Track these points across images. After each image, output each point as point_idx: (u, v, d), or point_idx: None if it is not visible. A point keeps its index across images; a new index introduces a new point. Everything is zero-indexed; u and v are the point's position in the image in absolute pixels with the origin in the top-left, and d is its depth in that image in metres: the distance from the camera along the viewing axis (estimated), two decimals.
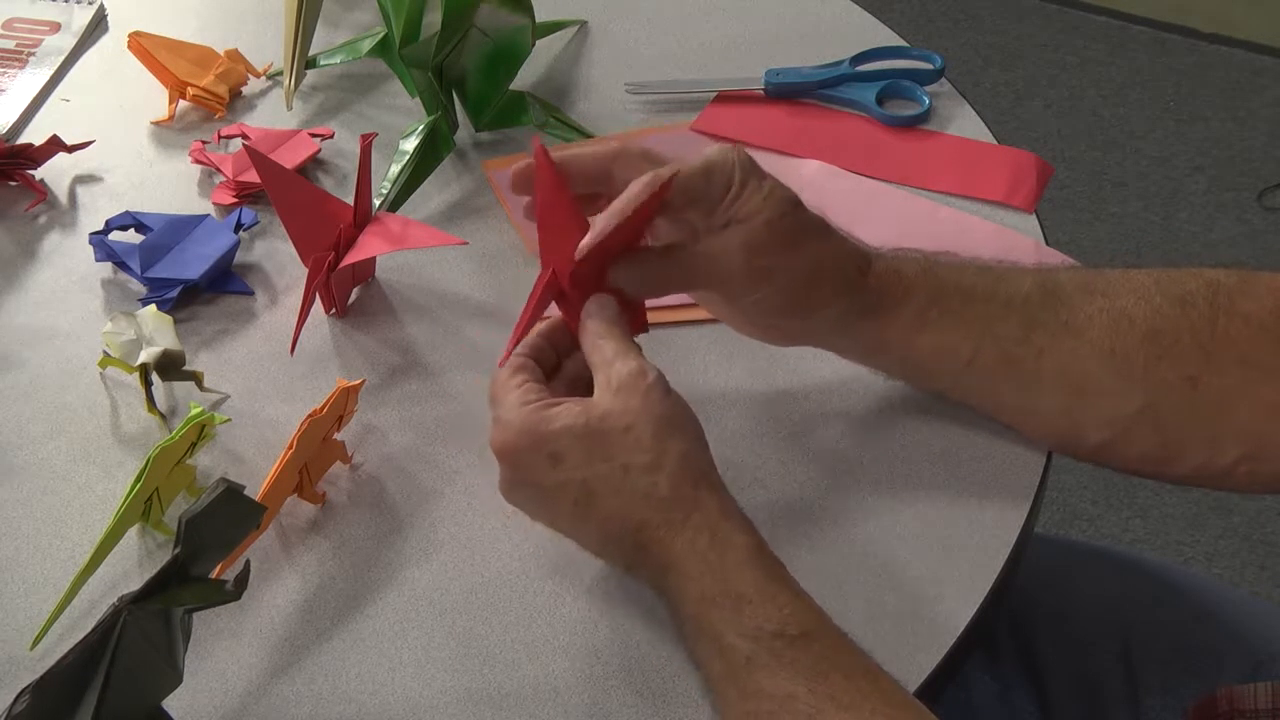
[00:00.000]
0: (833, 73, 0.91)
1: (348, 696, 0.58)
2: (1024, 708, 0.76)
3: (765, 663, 0.53)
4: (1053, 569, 0.81)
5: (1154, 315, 0.63)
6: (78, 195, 0.85)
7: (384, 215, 0.75)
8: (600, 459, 0.56)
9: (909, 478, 0.67)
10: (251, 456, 0.68)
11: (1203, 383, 0.62)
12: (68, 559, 0.63)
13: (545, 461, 0.57)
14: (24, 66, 0.95)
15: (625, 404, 0.56)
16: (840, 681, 0.53)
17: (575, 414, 0.56)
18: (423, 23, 0.83)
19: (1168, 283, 0.64)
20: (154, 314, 0.71)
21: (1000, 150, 0.87)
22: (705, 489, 0.57)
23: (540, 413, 0.57)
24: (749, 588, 0.54)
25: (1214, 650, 0.76)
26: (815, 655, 0.53)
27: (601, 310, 0.60)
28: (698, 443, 0.58)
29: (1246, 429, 0.62)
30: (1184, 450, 0.63)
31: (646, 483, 0.56)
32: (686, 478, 0.56)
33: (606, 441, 0.56)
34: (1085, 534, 1.61)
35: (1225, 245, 2.00)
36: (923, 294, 0.64)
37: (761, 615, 0.53)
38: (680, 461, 0.56)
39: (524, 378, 0.59)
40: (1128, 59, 2.36)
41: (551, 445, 0.56)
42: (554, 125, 0.88)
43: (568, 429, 0.56)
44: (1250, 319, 0.62)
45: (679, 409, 0.58)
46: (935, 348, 0.65)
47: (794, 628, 0.53)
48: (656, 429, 0.56)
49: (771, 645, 0.53)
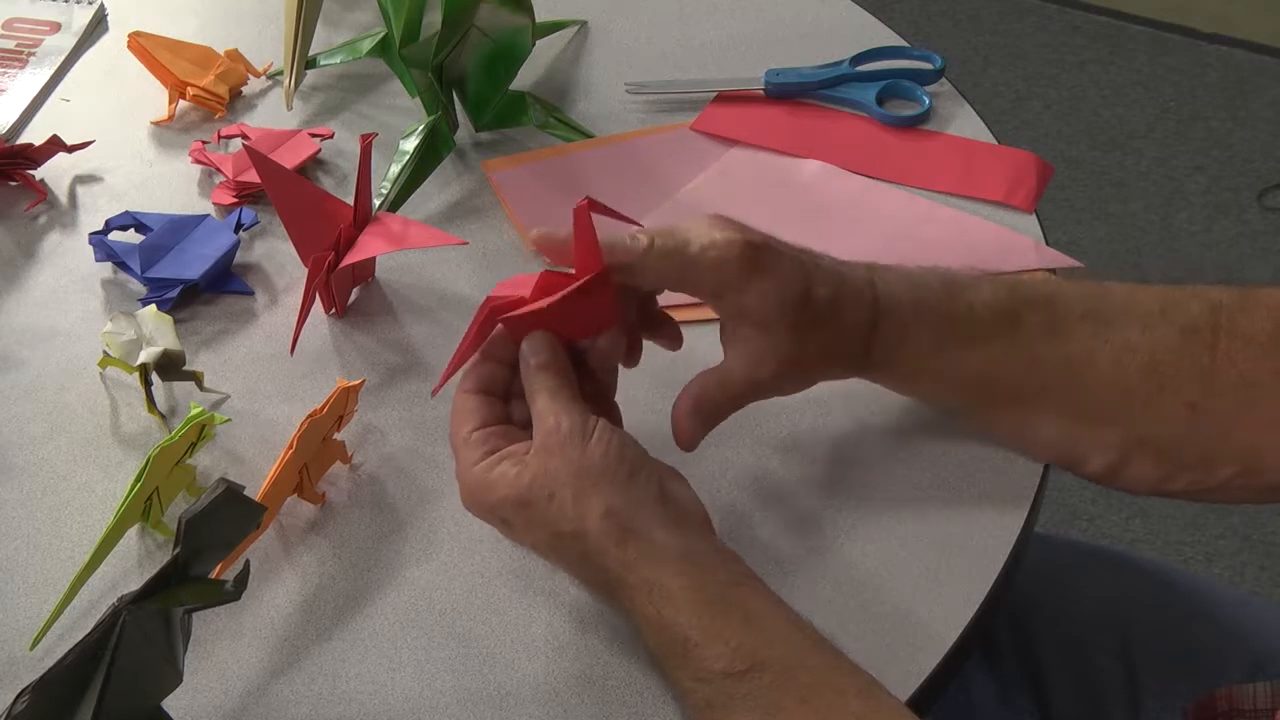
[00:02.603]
0: (833, 73, 0.91)
1: (348, 696, 0.58)
2: (1024, 708, 0.76)
3: (722, 703, 0.53)
4: (1053, 569, 0.81)
5: (1156, 346, 0.63)
6: (78, 195, 0.85)
7: (384, 215, 0.75)
8: (538, 527, 0.57)
9: (909, 479, 0.67)
10: (251, 456, 0.68)
11: (1201, 408, 0.62)
12: (68, 559, 0.63)
13: (499, 523, 0.59)
14: (24, 66, 0.95)
15: (546, 465, 0.56)
16: (795, 709, 0.52)
17: (511, 480, 0.57)
18: (423, 23, 0.83)
19: (1172, 310, 0.64)
20: (154, 314, 0.71)
21: (1000, 150, 0.87)
22: (632, 543, 0.55)
23: (484, 476, 0.58)
24: (692, 630, 0.54)
25: (1214, 650, 0.76)
26: (765, 686, 0.52)
27: (535, 354, 0.60)
28: (628, 482, 0.56)
29: (1243, 446, 0.62)
30: (1180, 471, 0.64)
31: (578, 550, 0.56)
32: (610, 538, 0.55)
33: (536, 511, 0.56)
34: (1085, 534, 1.61)
35: (1225, 245, 2.00)
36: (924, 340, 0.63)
37: (710, 656, 0.53)
38: (602, 522, 0.55)
39: (471, 427, 0.59)
40: (1128, 59, 2.36)
41: (498, 512, 0.58)
42: (554, 125, 0.88)
43: (505, 500, 0.57)
44: (1250, 340, 0.62)
45: (595, 458, 0.56)
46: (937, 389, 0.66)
47: (741, 663, 0.53)
48: (576, 490, 0.56)
49: (722, 686, 0.53)
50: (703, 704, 0.54)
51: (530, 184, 0.84)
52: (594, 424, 0.57)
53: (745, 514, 0.65)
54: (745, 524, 0.64)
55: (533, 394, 0.59)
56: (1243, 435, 0.62)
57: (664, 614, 0.54)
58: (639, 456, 0.57)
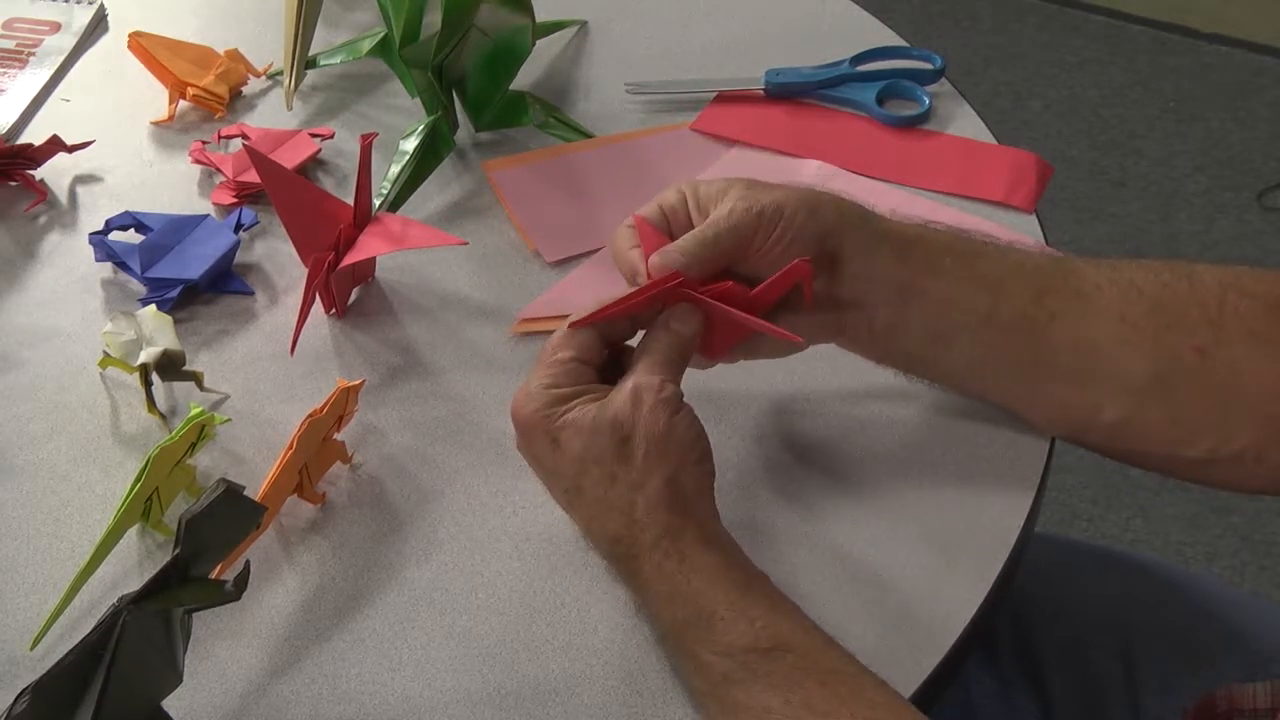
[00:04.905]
0: (833, 73, 0.91)
1: (348, 696, 0.58)
2: (1024, 708, 0.77)
3: (740, 678, 0.53)
4: (1053, 569, 0.81)
5: (1162, 289, 0.64)
6: (78, 195, 0.85)
7: (384, 215, 0.75)
8: (594, 460, 0.57)
9: (909, 478, 0.67)
10: (251, 456, 0.68)
11: (1210, 354, 0.62)
12: (68, 559, 0.63)
13: (548, 443, 0.58)
14: (24, 66, 0.95)
15: (631, 412, 0.57)
16: (815, 689, 0.53)
17: (587, 410, 0.57)
18: (423, 23, 0.83)
19: (1175, 264, 0.65)
20: (154, 314, 0.71)
21: (1000, 150, 0.87)
22: (682, 515, 0.57)
23: (559, 403, 0.58)
24: (720, 605, 0.55)
25: (1214, 650, 0.76)
26: (789, 666, 0.53)
27: (682, 321, 0.61)
28: (694, 466, 0.58)
29: (1256, 408, 0.62)
30: (1195, 430, 0.63)
31: (627, 499, 0.57)
32: (664, 503, 0.56)
33: (603, 445, 0.57)
34: (1085, 534, 1.61)
35: (1225, 245, 2.00)
36: (933, 242, 0.64)
37: (734, 632, 0.54)
38: (663, 487, 0.56)
39: (570, 354, 0.59)
40: (1128, 59, 2.36)
41: (556, 433, 0.58)
42: (554, 125, 0.88)
43: (573, 422, 0.57)
44: (1259, 298, 0.63)
45: (680, 430, 0.58)
46: (951, 298, 0.63)
47: (766, 641, 0.54)
48: (649, 448, 0.57)
49: (745, 660, 0.53)
50: (720, 678, 0.54)
51: (530, 184, 0.84)
52: (686, 404, 0.59)
53: (745, 514, 0.65)
54: (745, 524, 0.64)
55: (650, 350, 0.60)
56: (1255, 393, 0.62)
57: (693, 584, 0.55)
58: (709, 449, 0.59)
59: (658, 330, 0.61)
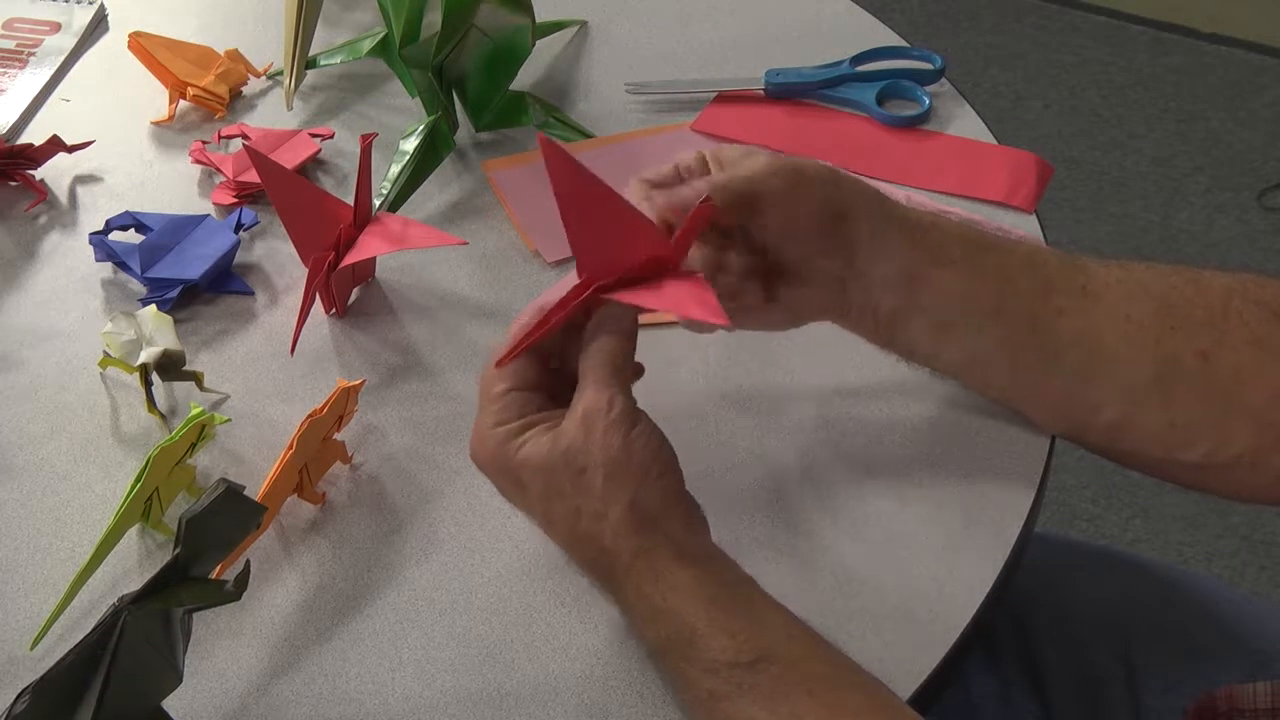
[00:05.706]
0: (833, 73, 0.91)
1: (348, 696, 0.58)
2: (1024, 707, 0.76)
3: (726, 693, 0.53)
4: (1053, 569, 0.81)
5: (1169, 290, 0.64)
6: (78, 195, 0.85)
7: (384, 215, 0.75)
8: (555, 496, 0.56)
9: (908, 477, 0.67)
10: (251, 456, 0.68)
11: (1213, 358, 0.62)
12: (68, 559, 0.63)
13: (512, 483, 0.58)
14: (24, 66, 0.95)
15: (584, 441, 0.56)
16: (802, 699, 0.52)
17: (540, 446, 0.56)
18: (423, 23, 0.83)
19: (1182, 268, 0.65)
20: (154, 314, 0.71)
21: (1000, 150, 0.87)
22: (650, 534, 0.56)
23: (510, 440, 0.57)
24: (699, 621, 0.54)
25: (1214, 650, 0.76)
26: (773, 677, 0.53)
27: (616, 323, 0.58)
28: (656, 482, 0.56)
29: (1256, 413, 0.62)
30: (1193, 434, 0.63)
31: (594, 530, 0.56)
32: (630, 527, 0.55)
33: (561, 480, 0.56)
34: (1085, 534, 1.61)
35: (1225, 245, 2.00)
36: (946, 230, 0.64)
37: (715, 647, 0.53)
38: (627, 512, 0.55)
39: (508, 385, 0.58)
40: (1128, 59, 2.36)
41: (516, 473, 0.57)
42: (554, 125, 0.88)
43: (528, 461, 0.56)
44: (1264, 304, 0.63)
45: (637, 449, 0.56)
46: (958, 289, 0.63)
47: (748, 654, 0.53)
48: (607, 474, 0.55)
49: (729, 675, 0.53)
50: (706, 695, 0.54)
51: (530, 184, 0.84)
52: (640, 416, 0.57)
53: (745, 514, 0.65)
54: (745, 524, 0.64)
55: (594, 365, 0.57)
56: (1255, 399, 0.62)
57: (670, 603, 0.55)
58: (672, 458, 0.57)
59: (594, 338, 0.58)
